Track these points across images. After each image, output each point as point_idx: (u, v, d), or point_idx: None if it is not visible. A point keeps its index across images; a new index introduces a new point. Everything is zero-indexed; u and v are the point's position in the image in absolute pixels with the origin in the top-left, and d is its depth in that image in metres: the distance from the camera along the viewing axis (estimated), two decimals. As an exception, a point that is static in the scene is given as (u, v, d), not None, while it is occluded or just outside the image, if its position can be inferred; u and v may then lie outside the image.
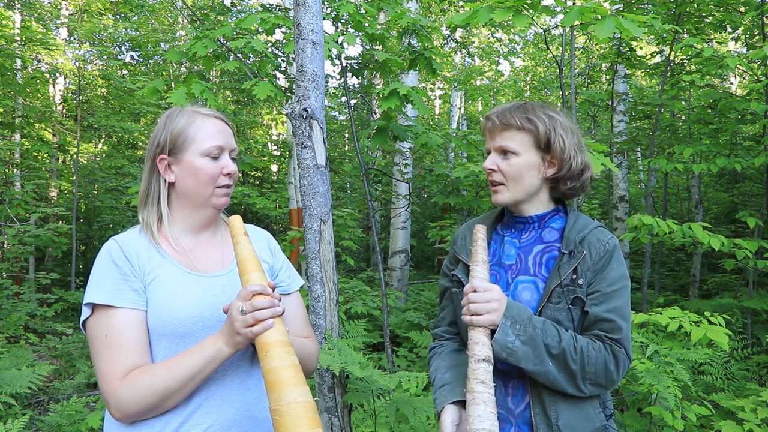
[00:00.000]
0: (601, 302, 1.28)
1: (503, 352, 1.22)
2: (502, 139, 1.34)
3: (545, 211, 1.40)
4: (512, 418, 1.32)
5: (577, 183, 1.38)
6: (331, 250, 2.67)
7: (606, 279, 1.29)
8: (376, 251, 4.15)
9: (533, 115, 1.33)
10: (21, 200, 7.33)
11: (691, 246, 4.53)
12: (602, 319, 1.27)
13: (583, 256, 1.29)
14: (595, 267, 1.29)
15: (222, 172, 1.29)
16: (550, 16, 3.40)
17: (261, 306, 1.11)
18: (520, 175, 1.34)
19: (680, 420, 2.59)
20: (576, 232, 1.34)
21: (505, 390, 1.34)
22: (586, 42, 10.54)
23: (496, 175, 1.36)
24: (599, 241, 1.32)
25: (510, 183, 1.35)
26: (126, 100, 10.42)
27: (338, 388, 2.62)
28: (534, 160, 1.34)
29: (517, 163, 1.33)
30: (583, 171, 1.38)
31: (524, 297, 1.33)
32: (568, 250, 1.31)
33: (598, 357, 1.25)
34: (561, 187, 1.39)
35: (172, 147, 1.28)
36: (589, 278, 1.29)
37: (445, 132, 4.95)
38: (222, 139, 1.30)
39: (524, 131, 1.33)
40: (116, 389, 1.13)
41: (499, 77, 15.40)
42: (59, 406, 3.56)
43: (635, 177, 11.28)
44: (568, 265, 1.30)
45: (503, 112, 1.35)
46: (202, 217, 1.32)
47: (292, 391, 1.04)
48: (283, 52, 5.24)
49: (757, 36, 5.82)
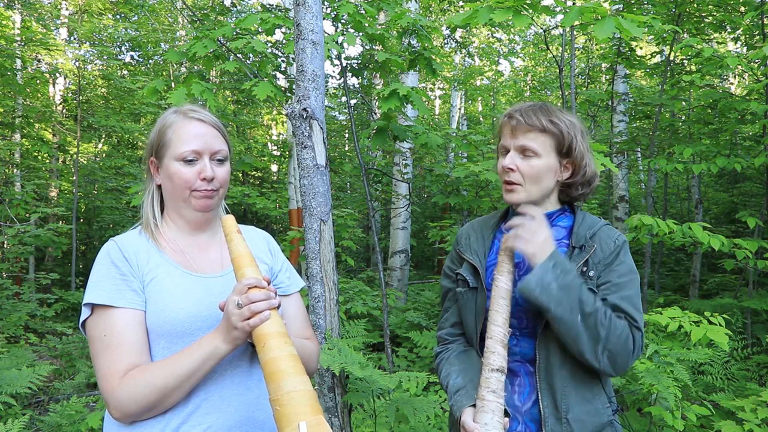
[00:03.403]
0: (614, 291, 1.29)
1: (537, 288, 1.21)
2: (526, 139, 1.33)
3: (552, 210, 1.41)
4: (519, 416, 1.33)
5: (587, 189, 1.41)
6: (331, 250, 2.67)
7: (616, 271, 1.31)
8: (376, 251, 4.15)
9: (557, 118, 1.34)
10: (21, 200, 7.33)
11: (691, 246, 4.52)
12: (617, 307, 1.28)
13: (594, 250, 1.32)
14: (606, 261, 1.31)
15: (199, 177, 1.26)
16: (550, 16, 3.40)
17: (257, 298, 1.11)
18: (539, 176, 1.34)
19: (680, 420, 2.59)
20: (586, 229, 1.36)
21: (512, 388, 1.35)
22: (586, 42, 10.55)
23: (515, 174, 1.35)
24: (609, 237, 1.34)
25: (527, 184, 1.35)
26: (126, 100, 10.43)
27: (338, 388, 2.62)
28: (553, 164, 1.35)
29: (538, 165, 1.33)
30: (593, 178, 1.41)
31: None
32: (578, 245, 1.33)
33: (623, 331, 1.25)
34: (572, 192, 1.40)
35: (157, 149, 1.29)
36: (599, 271, 1.31)
37: (445, 132, 4.96)
38: (199, 144, 1.26)
39: (548, 134, 1.33)
40: (115, 388, 1.13)
41: (499, 77, 15.41)
42: (59, 406, 3.56)
43: (635, 177, 11.28)
44: (579, 258, 1.32)
45: (527, 111, 1.34)
46: (189, 219, 1.32)
47: (291, 380, 1.03)
48: (283, 52, 5.24)
49: (757, 36, 5.82)
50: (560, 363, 1.29)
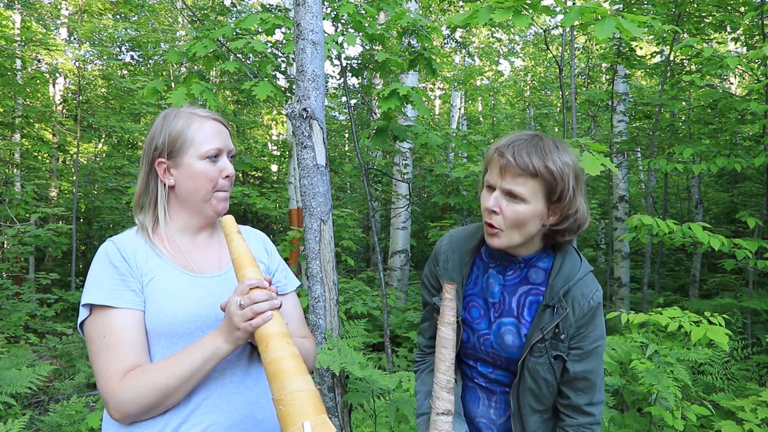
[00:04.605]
0: (582, 359, 1.32)
1: None
2: (514, 183, 1.23)
3: (534, 252, 1.36)
4: (494, 427, 1.41)
5: (574, 235, 1.34)
6: (331, 250, 2.67)
7: (589, 337, 1.32)
8: (376, 251, 4.15)
9: (551, 161, 1.22)
10: (21, 200, 7.33)
11: (691, 246, 4.52)
12: (581, 378, 1.33)
13: (566, 314, 1.29)
14: (578, 323, 1.30)
15: (221, 175, 1.29)
16: (550, 16, 3.40)
17: (259, 299, 1.11)
18: (524, 223, 1.26)
19: (680, 420, 2.59)
20: (561, 282, 1.30)
21: (489, 403, 1.41)
22: (586, 42, 10.55)
23: (497, 218, 1.27)
24: (584, 296, 1.30)
25: (509, 229, 1.27)
26: (126, 100, 10.43)
27: (338, 388, 2.62)
28: (540, 210, 1.26)
29: (523, 211, 1.24)
30: (583, 224, 1.32)
31: (507, 340, 1.34)
32: (551, 304, 1.29)
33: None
34: (557, 237, 1.33)
35: (171, 150, 1.27)
36: (571, 333, 1.30)
37: (445, 132, 4.95)
38: (221, 142, 1.30)
39: (538, 179, 1.22)
40: (115, 389, 1.13)
41: (499, 77, 15.41)
42: (59, 406, 3.56)
43: (635, 177, 11.28)
44: (550, 321, 1.29)
45: (520, 151, 1.23)
46: (200, 219, 1.33)
47: (295, 380, 1.04)
48: (283, 52, 5.24)
49: (757, 36, 5.82)
50: (531, 412, 1.35)
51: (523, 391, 1.33)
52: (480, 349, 1.38)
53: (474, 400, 1.42)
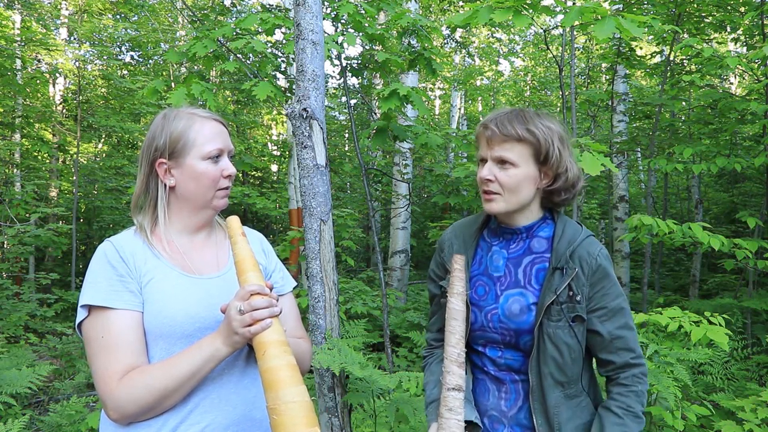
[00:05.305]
0: (610, 318, 1.32)
1: None
2: (501, 149, 1.32)
3: (534, 221, 1.40)
4: (505, 420, 1.36)
5: (570, 194, 1.38)
6: (331, 250, 2.67)
7: (608, 295, 1.32)
8: (376, 251, 4.15)
9: (533, 125, 1.31)
10: (21, 200, 7.33)
11: (691, 246, 4.52)
12: (615, 338, 1.32)
13: (576, 273, 1.30)
14: (590, 281, 1.31)
15: (222, 175, 1.29)
16: (550, 16, 3.40)
17: (259, 306, 1.12)
18: (518, 186, 1.32)
19: (680, 420, 2.59)
20: (565, 245, 1.33)
21: (498, 394, 1.37)
22: (586, 42, 10.54)
23: (493, 185, 1.33)
24: (590, 254, 1.32)
25: (506, 194, 1.33)
26: (126, 100, 10.43)
27: (338, 388, 2.62)
28: (532, 172, 1.33)
29: (516, 175, 1.32)
30: (576, 182, 1.38)
31: (514, 310, 1.33)
32: (559, 266, 1.32)
33: (643, 395, 1.32)
34: (555, 198, 1.38)
35: (172, 151, 1.27)
36: (586, 293, 1.31)
37: (445, 132, 4.95)
38: (222, 142, 1.30)
39: (524, 143, 1.31)
40: (113, 390, 1.13)
41: (499, 77, 15.41)
42: (59, 406, 3.57)
43: (635, 177, 11.28)
44: (561, 282, 1.30)
45: (502, 121, 1.32)
46: (200, 219, 1.33)
47: (289, 390, 1.04)
48: (283, 52, 5.23)
49: (757, 36, 5.81)
50: (553, 384, 1.31)
51: (545, 360, 1.30)
52: (488, 327, 1.36)
53: (484, 392, 1.40)
